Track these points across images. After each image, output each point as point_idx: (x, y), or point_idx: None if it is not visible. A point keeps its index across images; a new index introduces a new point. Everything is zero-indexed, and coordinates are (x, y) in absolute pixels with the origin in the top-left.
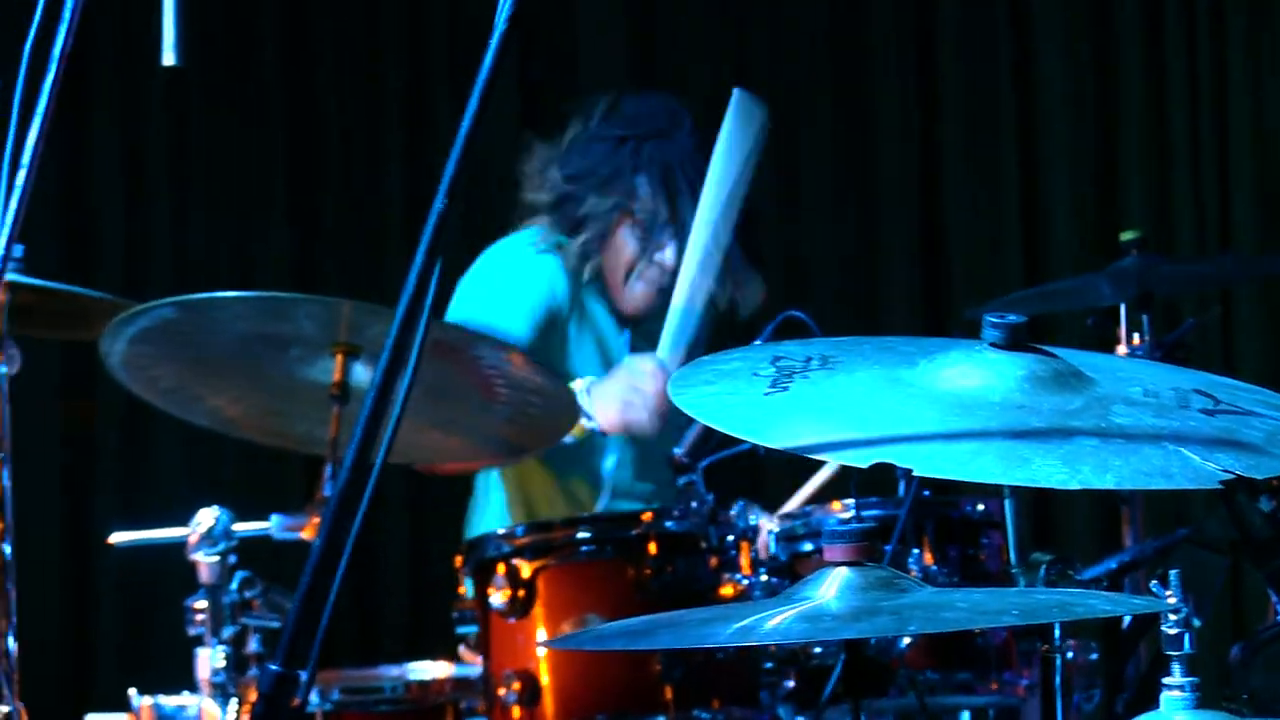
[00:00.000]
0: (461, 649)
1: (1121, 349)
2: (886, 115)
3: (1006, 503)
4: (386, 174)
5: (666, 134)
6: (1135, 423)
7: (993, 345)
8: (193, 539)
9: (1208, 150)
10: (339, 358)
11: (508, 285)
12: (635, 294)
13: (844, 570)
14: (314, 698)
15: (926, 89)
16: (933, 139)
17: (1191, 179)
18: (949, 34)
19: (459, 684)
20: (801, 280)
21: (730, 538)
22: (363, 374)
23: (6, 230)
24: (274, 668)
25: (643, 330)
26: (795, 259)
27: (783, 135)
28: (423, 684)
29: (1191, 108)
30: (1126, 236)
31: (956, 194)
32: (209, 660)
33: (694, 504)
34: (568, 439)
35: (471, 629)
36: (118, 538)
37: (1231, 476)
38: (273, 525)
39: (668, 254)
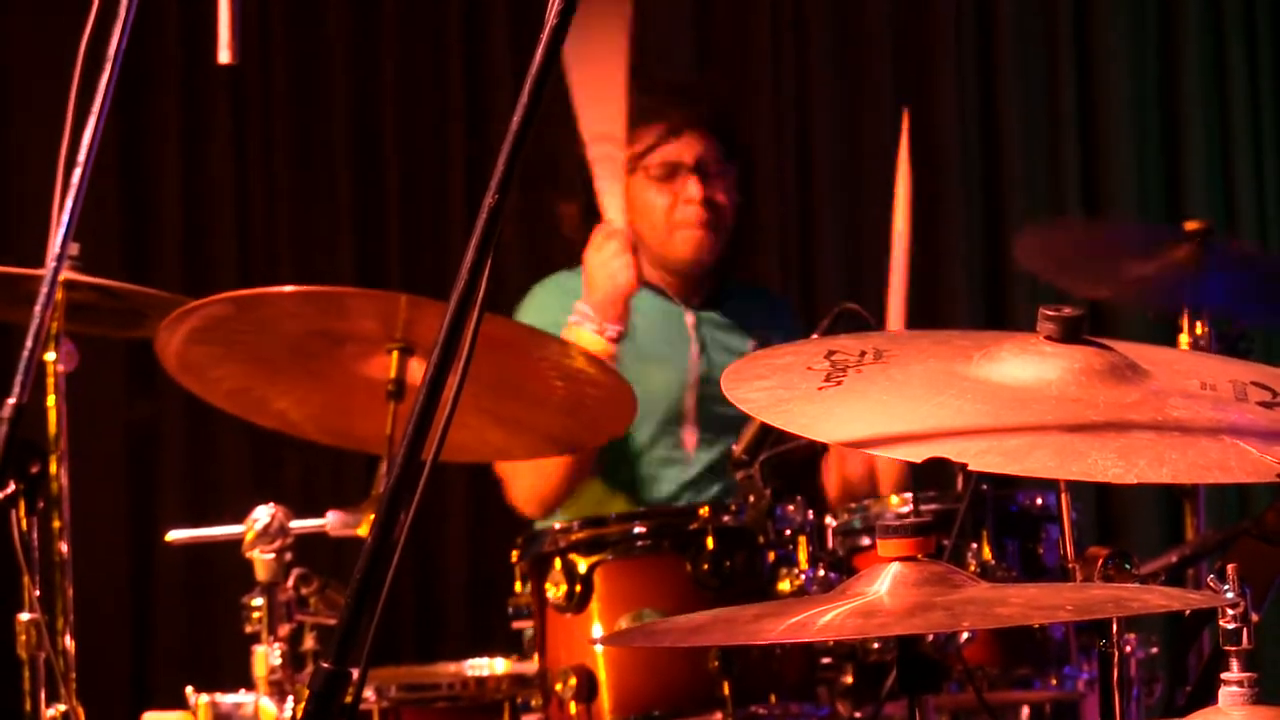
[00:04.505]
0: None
1: (1184, 340)
2: (945, 107)
3: (1062, 497)
4: (449, 169)
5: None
6: (1192, 416)
7: (1048, 338)
8: (249, 536)
9: (1269, 141)
10: (394, 354)
11: (540, 298)
12: (680, 242)
13: (899, 565)
14: (370, 694)
15: (987, 80)
16: (993, 130)
17: (1254, 170)
18: (1009, 22)
19: (516, 680)
20: (859, 273)
21: (787, 532)
22: (419, 370)
23: (63, 228)
24: (326, 665)
25: (710, 312)
26: (853, 253)
27: (844, 130)
28: (480, 680)
29: (1253, 100)
30: (1187, 227)
31: (1017, 186)
32: (265, 658)
33: (751, 498)
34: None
35: (527, 624)
36: (174, 535)
37: None
38: (329, 522)
39: (690, 188)
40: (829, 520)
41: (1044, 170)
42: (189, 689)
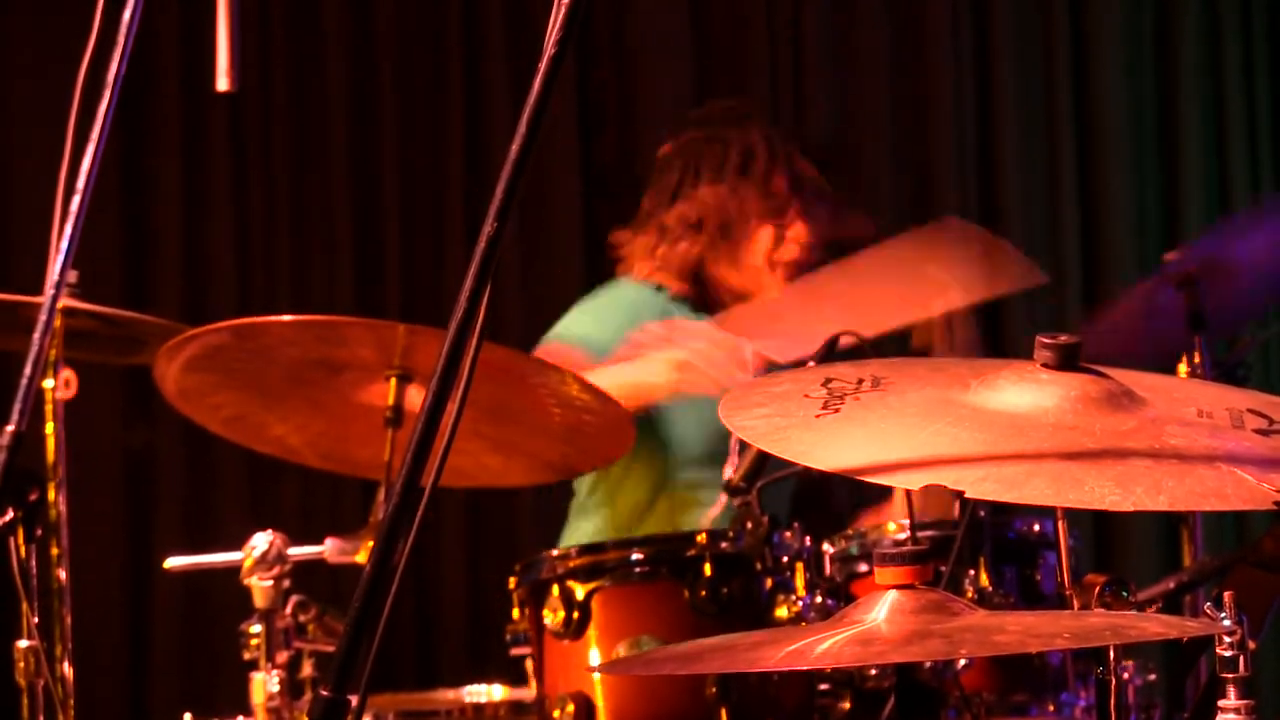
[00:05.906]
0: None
1: (1182, 368)
2: (942, 108)
3: (1060, 524)
4: (447, 198)
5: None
6: (1189, 443)
7: (1045, 366)
8: (247, 563)
9: (1264, 140)
10: (392, 381)
11: (601, 303)
12: (767, 282)
13: (897, 593)
14: None
15: (984, 106)
16: (990, 155)
17: (1251, 169)
18: (1007, 50)
19: (514, 706)
20: None
21: (785, 559)
22: (417, 397)
23: (62, 255)
24: (325, 692)
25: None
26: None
27: (842, 129)
28: (477, 707)
29: (1250, 130)
30: (1172, 256)
31: (1015, 214)
32: (263, 685)
33: (749, 525)
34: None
35: (525, 651)
36: (172, 562)
37: None
38: (327, 549)
39: (797, 229)
40: (826, 547)
41: (1042, 172)
42: (187, 716)
